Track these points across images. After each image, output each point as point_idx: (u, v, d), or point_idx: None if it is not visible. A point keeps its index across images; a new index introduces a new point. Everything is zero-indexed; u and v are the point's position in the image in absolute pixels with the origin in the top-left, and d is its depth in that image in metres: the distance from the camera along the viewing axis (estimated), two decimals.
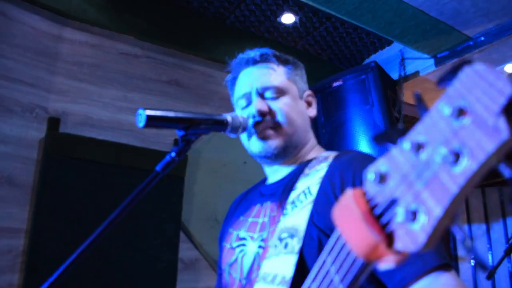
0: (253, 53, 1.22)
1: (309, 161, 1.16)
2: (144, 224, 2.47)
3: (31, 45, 2.42)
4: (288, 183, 1.13)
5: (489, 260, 4.11)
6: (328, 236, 0.94)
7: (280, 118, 1.14)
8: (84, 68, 2.59)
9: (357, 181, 0.98)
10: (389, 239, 0.41)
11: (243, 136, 1.20)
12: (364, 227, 0.42)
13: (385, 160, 0.43)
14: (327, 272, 0.49)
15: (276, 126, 1.14)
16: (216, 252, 2.63)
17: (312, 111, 1.25)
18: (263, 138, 1.15)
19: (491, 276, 2.38)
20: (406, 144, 0.41)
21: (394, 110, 3.12)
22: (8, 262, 2.20)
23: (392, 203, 0.41)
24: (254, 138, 1.16)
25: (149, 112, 0.94)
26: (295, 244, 0.95)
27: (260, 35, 3.19)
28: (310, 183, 1.05)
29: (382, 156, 0.44)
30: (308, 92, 1.26)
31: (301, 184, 1.08)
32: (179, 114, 0.98)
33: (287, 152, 1.16)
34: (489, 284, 3.99)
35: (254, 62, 1.21)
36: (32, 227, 2.21)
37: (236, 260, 1.14)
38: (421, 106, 0.44)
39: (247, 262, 1.09)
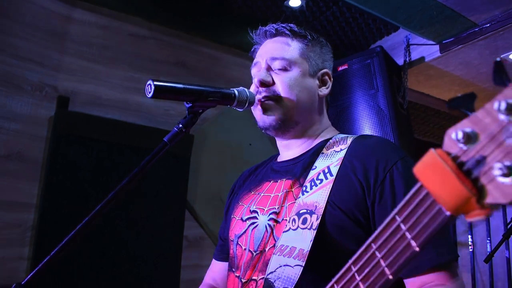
0: (271, 26, 1.25)
1: (325, 141, 1.18)
2: (151, 203, 2.53)
3: (41, 24, 2.45)
4: (306, 162, 1.15)
5: (487, 247, 4.14)
6: (347, 216, 0.98)
7: (281, 90, 1.15)
8: (93, 49, 2.62)
9: (380, 168, 1.00)
10: (479, 194, 0.43)
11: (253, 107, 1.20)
12: (455, 182, 0.44)
13: (469, 121, 0.44)
14: (398, 228, 0.52)
15: (277, 98, 1.15)
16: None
17: (324, 90, 1.24)
18: (263, 109, 1.16)
19: (489, 259, 2.43)
20: (496, 104, 0.42)
21: (398, 95, 3.14)
22: (18, 235, 2.26)
23: (481, 160, 0.43)
24: (256, 109, 1.18)
25: (158, 83, 0.96)
26: (314, 221, 0.98)
27: (266, 19, 3.20)
28: (330, 163, 1.07)
29: (466, 118, 0.45)
30: (325, 71, 1.25)
31: (320, 164, 1.10)
32: (188, 86, 1.01)
33: (287, 126, 1.17)
34: (487, 270, 4.04)
35: (271, 35, 1.24)
36: (42, 202, 2.28)
37: (245, 232, 1.17)
38: (501, 73, 0.46)
39: (258, 235, 1.12)
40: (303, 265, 0.94)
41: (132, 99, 2.68)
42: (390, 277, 0.53)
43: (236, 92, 1.10)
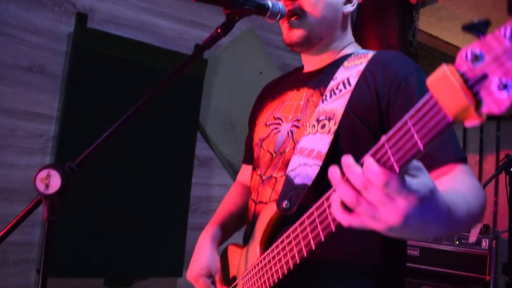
0: None
1: (347, 55, 1.24)
2: (164, 123, 2.64)
3: None
4: (327, 73, 1.23)
5: None
6: (363, 123, 1.09)
7: (306, 6, 1.21)
8: None
9: (396, 78, 1.08)
10: (477, 105, 0.53)
11: (282, 21, 1.26)
12: (459, 93, 0.53)
13: (479, 44, 0.53)
14: (408, 130, 0.61)
15: (302, 15, 1.21)
16: (228, 153, 2.83)
17: (349, 8, 1.28)
18: (289, 25, 1.23)
19: None
20: (502, 31, 0.50)
21: (409, 33, 3.19)
22: (39, 145, 2.39)
23: (483, 77, 0.52)
24: (283, 25, 1.25)
25: None
26: (332, 126, 1.08)
27: None
28: (350, 74, 1.15)
29: (477, 41, 0.53)
30: None
31: (341, 75, 1.17)
32: None
33: (311, 42, 1.24)
34: None
35: None
36: (62, 114, 2.38)
37: (269, 135, 1.28)
38: None
39: (280, 139, 1.23)
40: (321, 164, 1.05)
41: (148, 20, 2.72)
42: (397, 170, 0.62)
43: (270, 4, 1.16)
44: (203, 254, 1.33)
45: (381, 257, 1.09)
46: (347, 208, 0.69)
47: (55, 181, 0.99)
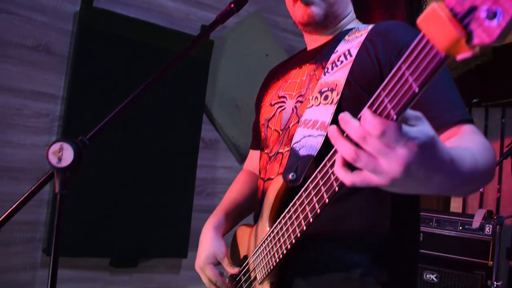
0: None
1: (349, 30, 1.24)
2: (170, 104, 2.63)
3: None
4: (329, 48, 1.22)
5: None
6: (365, 91, 1.07)
7: None
8: None
9: (397, 43, 1.07)
10: (467, 37, 0.53)
11: (289, 2, 1.26)
12: (449, 27, 0.53)
13: None
14: (402, 75, 0.61)
15: None
16: (234, 135, 2.83)
17: None
18: (307, 3, 1.21)
19: None
20: None
21: (417, 17, 3.16)
22: (45, 124, 2.39)
23: (472, 9, 0.52)
24: (299, 3, 1.22)
25: None
26: (335, 97, 1.08)
27: None
28: (350, 46, 1.15)
29: None
30: None
31: (341, 48, 1.17)
32: None
33: (328, 21, 1.23)
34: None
35: None
36: (68, 94, 2.37)
37: (274, 114, 1.28)
38: None
39: (285, 116, 1.23)
40: (325, 135, 1.05)
41: (155, 0, 2.70)
42: (395, 117, 0.62)
43: None
44: (206, 243, 1.34)
45: (390, 230, 1.08)
46: (350, 168, 0.69)
47: (68, 155, 0.99)
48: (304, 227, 0.94)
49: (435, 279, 3.19)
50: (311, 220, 0.91)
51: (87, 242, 2.39)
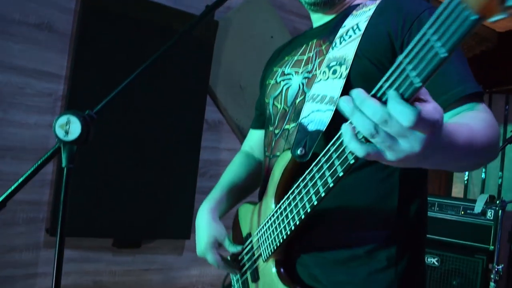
0: None
1: (356, 5, 1.21)
2: (174, 85, 2.61)
3: None
4: (336, 23, 1.19)
5: None
6: (374, 65, 1.05)
7: None
8: None
9: (408, 17, 1.04)
10: None
11: None
12: None
13: None
14: (428, 41, 0.59)
15: None
16: (238, 117, 2.81)
17: None
18: None
19: None
20: None
21: None
22: (48, 104, 2.37)
23: None
24: None
25: None
26: (343, 71, 1.05)
27: None
28: (359, 20, 1.12)
29: None
30: None
31: (350, 22, 1.14)
32: None
33: (339, 0, 1.21)
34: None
35: None
36: (71, 74, 2.35)
37: (280, 92, 1.25)
38: None
39: (291, 93, 1.21)
40: (334, 109, 1.03)
41: None
42: (419, 85, 0.61)
43: None
44: (205, 227, 1.30)
45: (398, 205, 1.07)
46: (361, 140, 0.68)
47: (75, 128, 0.97)
48: (315, 202, 0.93)
49: (436, 263, 3.21)
50: (322, 195, 0.90)
51: (91, 223, 2.39)
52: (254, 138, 1.53)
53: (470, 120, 0.89)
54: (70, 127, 0.98)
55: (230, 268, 1.29)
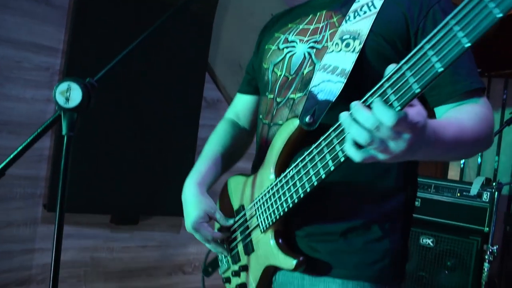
0: None
1: None
2: (173, 62, 2.58)
3: None
4: None
5: None
6: (388, 44, 1.06)
7: None
8: None
9: (424, 4, 1.06)
10: None
11: None
12: None
13: None
14: (451, 30, 0.64)
15: None
16: None
17: None
18: None
19: None
20: None
21: None
22: (45, 78, 2.34)
23: None
24: None
25: None
26: (357, 45, 1.05)
27: None
28: None
29: None
30: None
31: None
32: None
33: None
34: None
35: None
36: (69, 48, 2.32)
37: (282, 59, 1.23)
38: None
39: (295, 61, 1.19)
40: (345, 82, 1.03)
41: None
42: (440, 70, 0.67)
43: None
44: (193, 202, 1.26)
45: (395, 181, 1.12)
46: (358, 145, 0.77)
47: (76, 95, 0.96)
48: (323, 176, 0.94)
49: (431, 244, 3.24)
50: (332, 168, 0.91)
51: (89, 199, 2.38)
52: (241, 104, 1.49)
53: (464, 115, 0.97)
54: (70, 94, 0.96)
55: (220, 245, 1.26)
